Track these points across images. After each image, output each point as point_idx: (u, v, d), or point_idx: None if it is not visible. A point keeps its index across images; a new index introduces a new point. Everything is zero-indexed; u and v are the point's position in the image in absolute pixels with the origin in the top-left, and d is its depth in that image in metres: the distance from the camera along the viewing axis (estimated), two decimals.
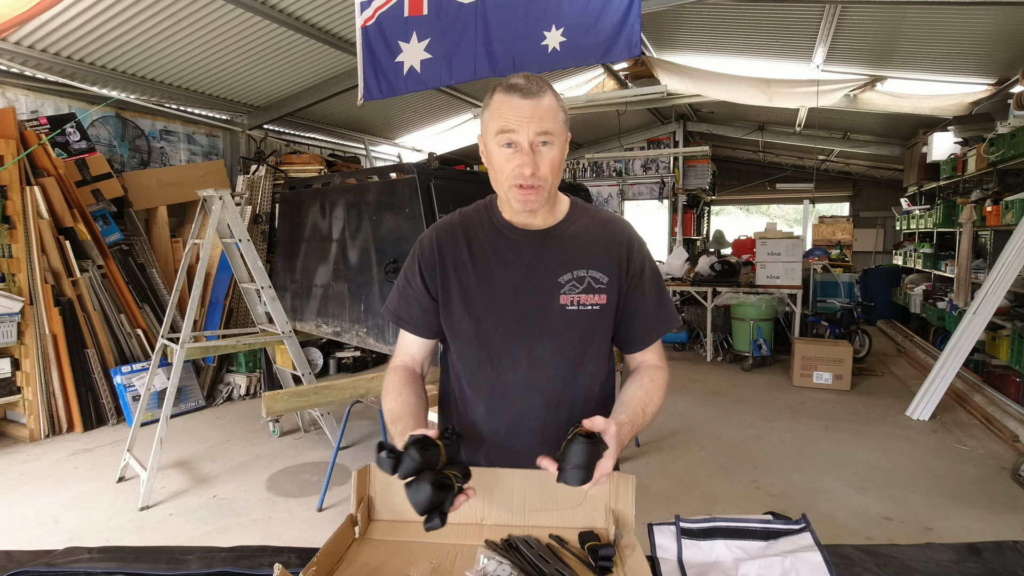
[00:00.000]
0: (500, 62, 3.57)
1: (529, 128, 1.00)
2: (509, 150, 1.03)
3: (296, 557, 1.05)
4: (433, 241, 1.17)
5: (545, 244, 1.13)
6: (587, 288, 1.12)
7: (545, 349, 1.12)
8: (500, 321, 1.13)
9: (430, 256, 1.16)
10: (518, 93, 1.01)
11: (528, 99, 1.00)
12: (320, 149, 7.52)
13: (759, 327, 6.07)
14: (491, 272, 1.13)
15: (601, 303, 1.13)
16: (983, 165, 5.04)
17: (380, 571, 0.95)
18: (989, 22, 4.05)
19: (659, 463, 3.65)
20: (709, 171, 9.52)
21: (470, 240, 1.15)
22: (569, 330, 1.12)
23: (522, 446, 1.15)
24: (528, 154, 1.01)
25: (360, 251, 3.56)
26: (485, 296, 1.13)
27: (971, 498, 3.15)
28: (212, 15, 4.31)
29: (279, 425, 4.15)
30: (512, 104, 1.01)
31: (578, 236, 1.14)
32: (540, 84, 1.03)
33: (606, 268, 1.13)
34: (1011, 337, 4.37)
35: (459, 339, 1.17)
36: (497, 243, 1.14)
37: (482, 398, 1.17)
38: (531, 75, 1.04)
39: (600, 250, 1.14)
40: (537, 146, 1.02)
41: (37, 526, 2.85)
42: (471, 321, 1.14)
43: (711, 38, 5.56)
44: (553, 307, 1.11)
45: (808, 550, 0.99)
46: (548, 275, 1.12)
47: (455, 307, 1.15)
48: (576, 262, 1.12)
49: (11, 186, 3.98)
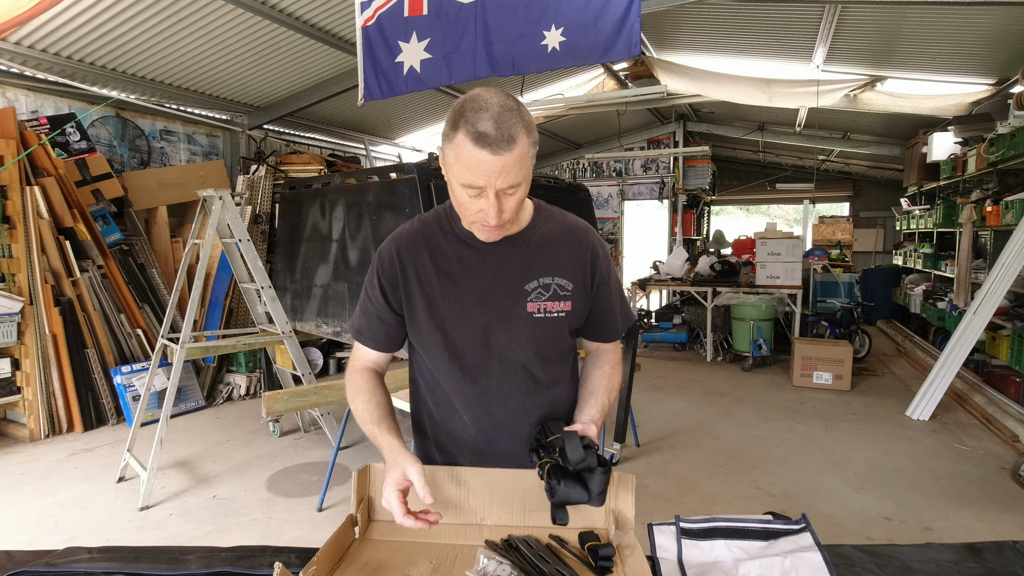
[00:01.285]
0: (500, 62, 3.57)
1: (496, 182, 0.94)
2: (473, 193, 0.97)
3: (296, 557, 1.05)
4: (393, 253, 1.14)
5: (510, 251, 1.11)
6: (553, 295, 1.12)
7: (514, 355, 1.13)
8: (468, 331, 1.12)
9: (390, 269, 1.13)
10: (488, 148, 0.91)
11: (499, 155, 0.92)
12: (320, 149, 7.52)
13: (759, 327, 6.07)
14: (456, 282, 1.11)
15: (566, 310, 1.13)
16: (983, 165, 5.04)
17: (380, 571, 0.95)
18: (989, 22, 4.05)
19: (659, 463, 3.65)
20: (709, 171, 9.52)
21: (432, 249, 1.13)
22: (537, 337, 1.12)
23: (502, 450, 1.16)
24: (494, 204, 0.97)
25: (360, 251, 3.57)
26: (451, 306, 1.11)
27: (971, 498, 3.15)
28: (212, 15, 4.31)
29: (279, 425, 4.15)
30: (480, 160, 0.92)
31: (544, 243, 1.13)
32: (510, 132, 0.92)
33: (571, 275, 1.13)
34: (1011, 337, 4.38)
35: (428, 349, 1.16)
36: (461, 252, 1.12)
37: (459, 405, 1.17)
38: (503, 116, 0.92)
39: (566, 257, 1.13)
40: (503, 194, 0.98)
41: (37, 526, 2.85)
42: (439, 332, 1.12)
43: (711, 38, 5.56)
44: (520, 315, 1.11)
45: (808, 550, 0.99)
46: (514, 283, 1.11)
47: (421, 318, 1.13)
48: (542, 269, 1.11)
49: (11, 186, 3.98)
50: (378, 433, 1.08)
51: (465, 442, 1.18)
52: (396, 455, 1.02)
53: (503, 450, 1.16)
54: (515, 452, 1.15)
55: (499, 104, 0.94)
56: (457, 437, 1.18)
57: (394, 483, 0.98)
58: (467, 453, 1.18)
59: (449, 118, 0.96)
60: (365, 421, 1.12)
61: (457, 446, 1.19)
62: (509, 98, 0.97)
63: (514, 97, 0.99)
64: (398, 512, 0.95)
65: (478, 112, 0.93)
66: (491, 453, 1.16)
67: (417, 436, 1.27)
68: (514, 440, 1.16)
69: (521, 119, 0.95)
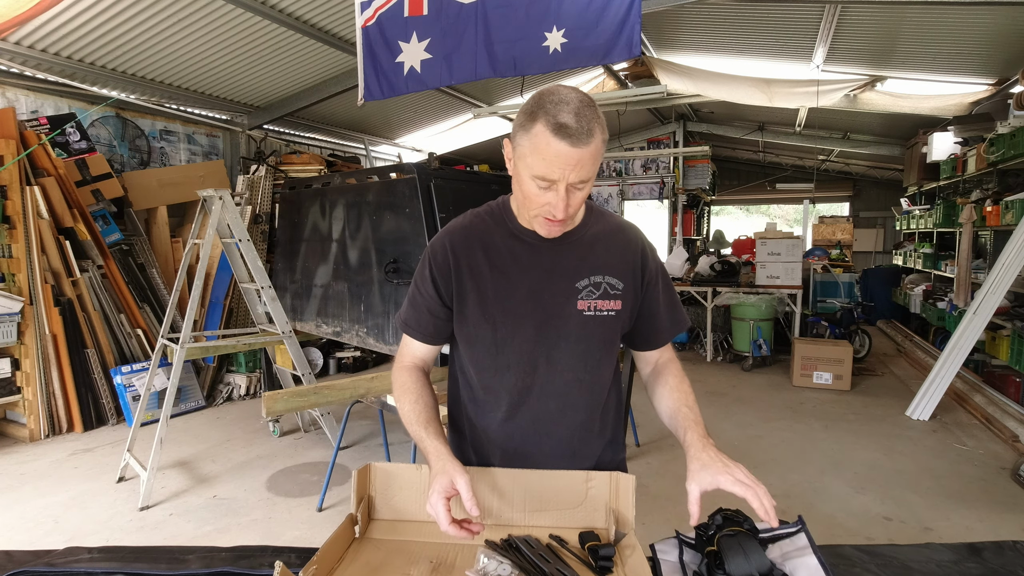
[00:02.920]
0: (501, 63, 3.57)
1: (570, 175, 0.95)
2: (543, 185, 0.98)
3: (296, 557, 1.05)
4: (446, 246, 1.14)
5: (563, 249, 1.12)
6: (603, 294, 1.12)
7: (562, 354, 1.12)
8: (518, 326, 1.11)
9: (443, 261, 1.13)
10: (568, 139, 0.92)
11: (577, 147, 0.92)
12: (320, 149, 7.52)
13: (759, 327, 6.07)
14: (508, 277, 1.11)
15: (616, 309, 1.13)
16: (983, 165, 5.04)
17: (380, 571, 0.95)
18: (989, 22, 4.05)
19: (659, 463, 3.65)
20: (709, 171, 9.52)
21: (486, 245, 1.13)
22: (587, 336, 1.12)
23: (537, 449, 1.16)
24: (563, 198, 0.97)
25: (360, 251, 3.56)
26: (503, 301, 1.11)
27: (971, 498, 3.15)
28: (212, 15, 4.31)
29: (279, 425, 4.15)
30: (559, 151, 0.92)
31: (595, 242, 1.14)
32: (590, 126, 0.93)
33: (621, 274, 1.13)
34: (1011, 337, 4.37)
35: (475, 344, 1.15)
36: (514, 248, 1.12)
37: (498, 402, 1.16)
38: (582, 111, 0.93)
39: (616, 256, 1.14)
40: (573, 189, 0.98)
41: (37, 526, 2.85)
42: (489, 327, 1.12)
43: (711, 38, 5.56)
44: (571, 312, 1.11)
45: (804, 553, 0.99)
46: (566, 280, 1.11)
47: (471, 312, 1.13)
48: (593, 268, 1.12)
49: (11, 186, 3.98)
50: (424, 437, 1.08)
51: (500, 440, 1.17)
52: (444, 462, 1.01)
53: (538, 449, 1.16)
54: (549, 452, 1.15)
55: (578, 99, 0.95)
56: (492, 435, 1.18)
57: (441, 490, 0.97)
58: (500, 452, 1.17)
59: (526, 109, 0.97)
60: (411, 422, 1.11)
61: (492, 444, 1.18)
62: (586, 95, 0.98)
63: (589, 95, 1.01)
64: (443, 520, 0.95)
65: (559, 105, 0.93)
66: (525, 452, 1.16)
67: (452, 433, 1.27)
68: (550, 439, 1.16)
69: (598, 116, 0.96)
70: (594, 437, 1.20)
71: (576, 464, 1.15)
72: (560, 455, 1.16)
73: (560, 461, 1.14)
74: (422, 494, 1.08)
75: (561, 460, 1.15)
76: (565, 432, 1.15)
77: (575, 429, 1.16)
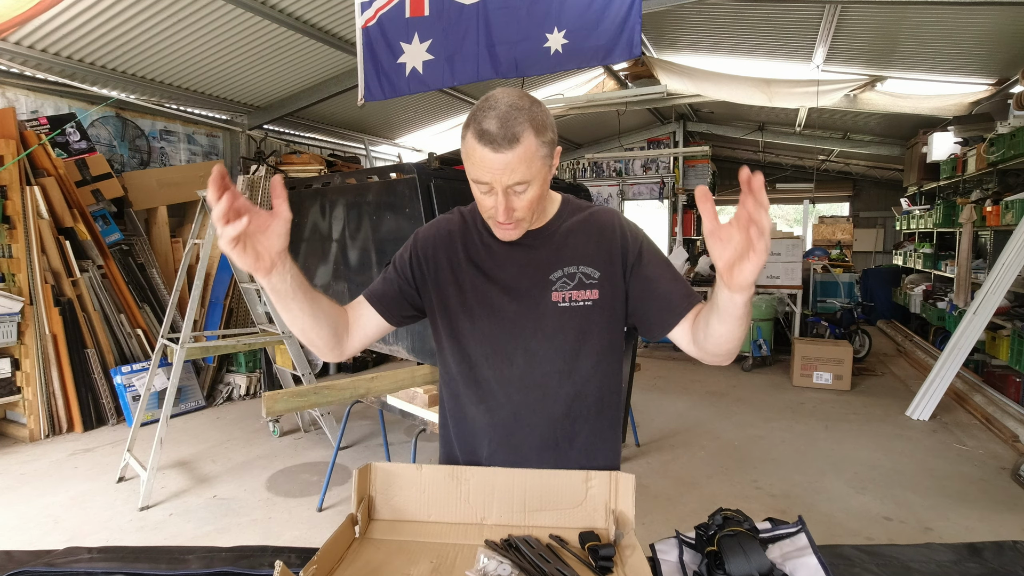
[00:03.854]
0: (503, 64, 3.57)
1: (501, 179, 0.97)
2: (484, 189, 1.01)
3: (296, 557, 1.05)
4: (431, 238, 1.18)
5: (537, 244, 1.14)
6: (578, 284, 1.12)
7: (539, 346, 1.14)
8: (495, 319, 1.14)
9: (424, 250, 1.17)
10: (490, 145, 0.94)
11: (499, 153, 0.94)
12: (320, 149, 7.52)
13: (759, 327, 6.07)
14: (485, 271, 1.15)
15: (593, 298, 1.13)
16: (983, 165, 5.04)
17: (380, 571, 0.95)
18: (989, 22, 4.05)
19: (659, 463, 3.65)
20: (709, 171, 9.52)
21: (465, 240, 1.17)
22: (563, 327, 1.13)
23: (521, 441, 1.16)
24: (502, 201, 0.99)
25: (360, 251, 3.56)
26: (480, 295, 1.14)
27: (971, 498, 3.15)
28: (212, 15, 4.31)
29: (279, 425, 4.15)
30: (483, 157, 0.96)
31: (569, 233, 1.15)
32: (515, 131, 0.94)
33: (597, 263, 1.13)
34: (1011, 337, 4.37)
35: (454, 337, 1.17)
36: (490, 243, 1.15)
37: (479, 395, 1.17)
38: (509, 114, 0.94)
39: (592, 246, 1.14)
40: (511, 192, 0.99)
41: (37, 526, 2.85)
42: (467, 319, 1.15)
43: (711, 38, 5.56)
44: (546, 304, 1.13)
45: (804, 553, 0.99)
46: (540, 273, 1.13)
47: (451, 305, 1.16)
48: (567, 259, 1.13)
49: (11, 186, 3.98)
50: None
51: (484, 432, 1.18)
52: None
53: (521, 440, 1.16)
54: (533, 444, 1.16)
55: (508, 103, 0.96)
56: (476, 427, 1.19)
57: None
58: (486, 444, 1.18)
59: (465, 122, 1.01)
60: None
61: (476, 437, 1.19)
62: (522, 98, 0.98)
63: (530, 97, 1.00)
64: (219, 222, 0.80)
65: (486, 111, 0.97)
66: (509, 443, 1.16)
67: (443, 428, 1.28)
68: (532, 431, 1.16)
69: (529, 118, 0.96)
70: (578, 428, 1.18)
71: (561, 455, 1.15)
72: (544, 446, 1.16)
73: (544, 452, 1.15)
74: (423, 494, 1.08)
75: (545, 451, 1.16)
76: (548, 424, 1.16)
77: (557, 420, 1.16)
